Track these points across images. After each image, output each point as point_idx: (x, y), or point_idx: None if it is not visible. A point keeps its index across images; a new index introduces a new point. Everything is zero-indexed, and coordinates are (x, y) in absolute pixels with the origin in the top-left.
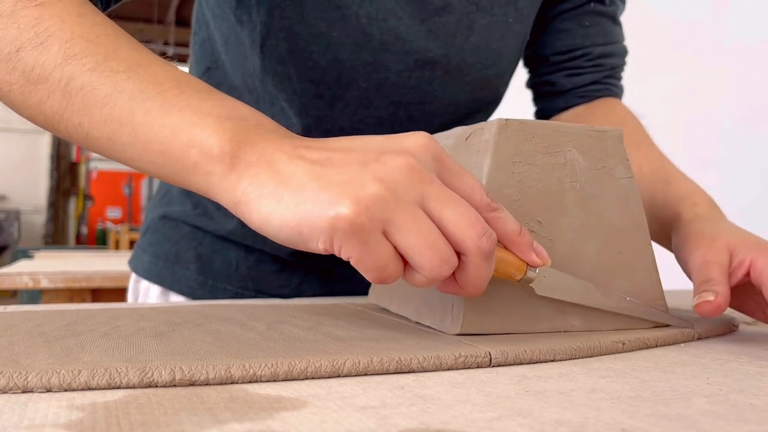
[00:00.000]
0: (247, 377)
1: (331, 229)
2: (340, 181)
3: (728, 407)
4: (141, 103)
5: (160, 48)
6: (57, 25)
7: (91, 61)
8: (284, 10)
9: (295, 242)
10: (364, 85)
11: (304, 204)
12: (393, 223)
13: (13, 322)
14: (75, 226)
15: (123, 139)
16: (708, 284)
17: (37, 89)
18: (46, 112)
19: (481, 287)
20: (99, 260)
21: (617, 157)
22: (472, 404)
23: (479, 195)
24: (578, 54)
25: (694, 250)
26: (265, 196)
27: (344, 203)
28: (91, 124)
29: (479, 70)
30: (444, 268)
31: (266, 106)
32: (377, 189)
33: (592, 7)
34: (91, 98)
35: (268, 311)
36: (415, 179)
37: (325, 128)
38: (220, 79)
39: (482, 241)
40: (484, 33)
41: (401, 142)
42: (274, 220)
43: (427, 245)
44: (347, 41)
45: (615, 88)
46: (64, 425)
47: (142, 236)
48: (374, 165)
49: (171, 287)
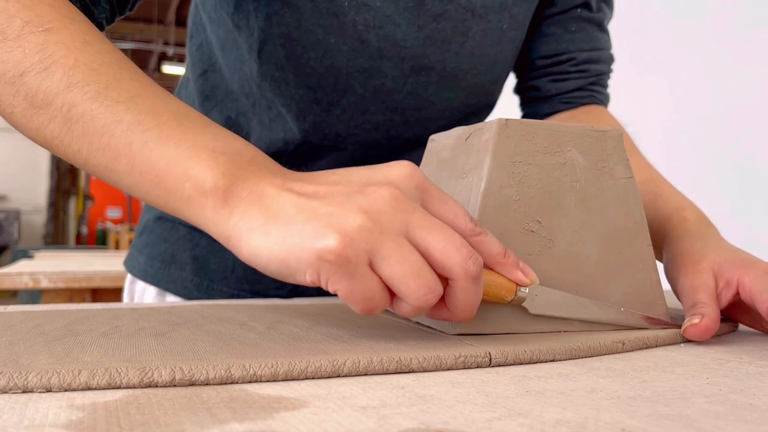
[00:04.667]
0: (247, 377)
1: (317, 262)
2: (325, 213)
3: (728, 407)
4: (139, 135)
5: (160, 48)
6: (61, 52)
7: (93, 89)
8: (282, 17)
9: (284, 275)
10: (360, 91)
11: (291, 237)
12: (378, 253)
13: (13, 322)
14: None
15: (120, 168)
16: (695, 308)
17: (40, 114)
18: (46, 136)
19: (471, 311)
20: (99, 260)
21: (617, 157)
22: (472, 404)
23: (463, 220)
24: (563, 59)
25: (680, 276)
26: (254, 230)
27: (330, 236)
28: (89, 152)
29: (474, 76)
30: (429, 297)
31: (263, 110)
32: (362, 220)
33: (578, 13)
34: (91, 126)
35: (268, 311)
36: (399, 209)
37: (322, 133)
38: (217, 82)
39: (469, 265)
40: (479, 39)
41: (385, 173)
42: (262, 254)
43: (413, 274)
44: (344, 48)
45: (600, 96)
46: (64, 425)
47: (138, 237)
48: (358, 196)
49: (167, 288)
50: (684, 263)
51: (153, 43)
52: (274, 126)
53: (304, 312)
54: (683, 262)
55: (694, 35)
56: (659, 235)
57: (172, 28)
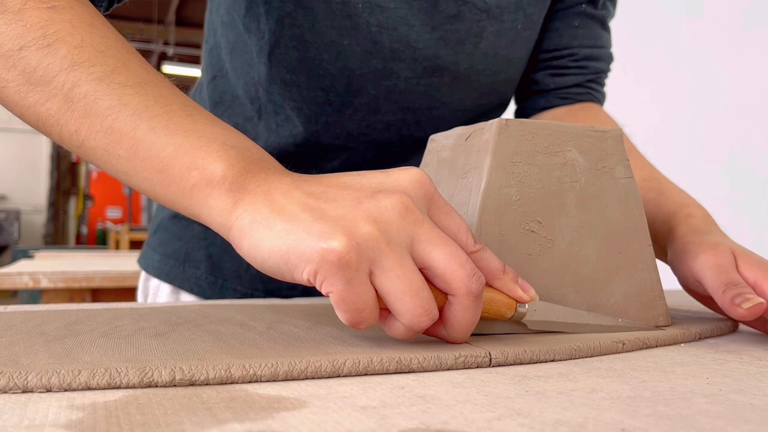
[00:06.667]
0: (247, 377)
1: (319, 260)
2: (335, 215)
3: (728, 407)
4: (146, 120)
5: (160, 48)
6: (67, 30)
7: (99, 70)
8: (295, 19)
9: (281, 271)
10: (373, 92)
11: (296, 233)
12: (380, 264)
13: (13, 322)
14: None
15: (120, 153)
16: (738, 287)
17: (36, 91)
18: (41, 114)
19: (467, 332)
20: (99, 260)
21: (617, 157)
22: (472, 404)
23: (465, 235)
24: (564, 53)
25: (698, 254)
26: (257, 222)
27: (337, 237)
28: (89, 134)
29: (488, 77)
30: (424, 319)
31: (270, 115)
32: (370, 229)
33: (582, 9)
34: (94, 107)
35: (268, 311)
36: (408, 220)
37: (333, 133)
38: (225, 87)
39: (472, 282)
40: (493, 40)
41: (396, 178)
42: (263, 247)
43: (411, 291)
44: (357, 49)
45: (597, 94)
46: (64, 425)
47: (152, 235)
48: (369, 202)
49: (181, 286)
50: (700, 246)
51: (153, 43)
52: (281, 131)
53: (304, 312)
54: (699, 245)
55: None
56: (663, 231)
57: (172, 28)
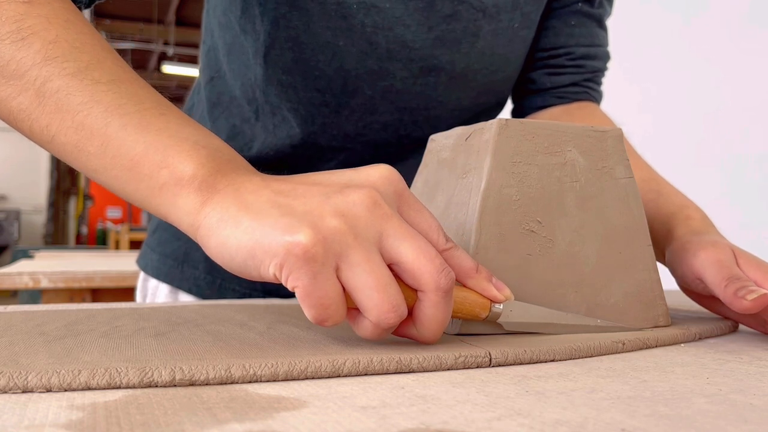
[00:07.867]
0: (247, 377)
1: (285, 254)
2: (302, 210)
3: (728, 407)
4: (118, 117)
5: (160, 48)
6: (42, 25)
7: (73, 66)
8: (289, 20)
9: (249, 268)
10: (369, 92)
11: (262, 228)
12: (347, 259)
13: (13, 322)
14: (75, 226)
15: (90, 149)
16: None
17: (8, 84)
18: (12, 108)
19: (438, 330)
20: (99, 260)
21: (617, 157)
22: (472, 404)
23: (435, 233)
24: (561, 52)
25: (698, 252)
26: (224, 220)
27: (303, 230)
28: (59, 129)
29: (485, 76)
30: (391, 315)
31: (267, 116)
32: (337, 223)
33: (579, 7)
34: (66, 103)
35: (268, 311)
36: (376, 214)
37: (330, 134)
38: (222, 88)
39: (440, 277)
40: (490, 39)
41: (366, 175)
42: (230, 244)
43: (378, 286)
44: (353, 50)
45: (594, 93)
46: (64, 425)
47: (151, 235)
48: (336, 197)
49: (180, 286)
50: (699, 244)
51: (153, 43)
52: (278, 131)
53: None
54: (698, 244)
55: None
56: (662, 232)
57: (172, 28)
